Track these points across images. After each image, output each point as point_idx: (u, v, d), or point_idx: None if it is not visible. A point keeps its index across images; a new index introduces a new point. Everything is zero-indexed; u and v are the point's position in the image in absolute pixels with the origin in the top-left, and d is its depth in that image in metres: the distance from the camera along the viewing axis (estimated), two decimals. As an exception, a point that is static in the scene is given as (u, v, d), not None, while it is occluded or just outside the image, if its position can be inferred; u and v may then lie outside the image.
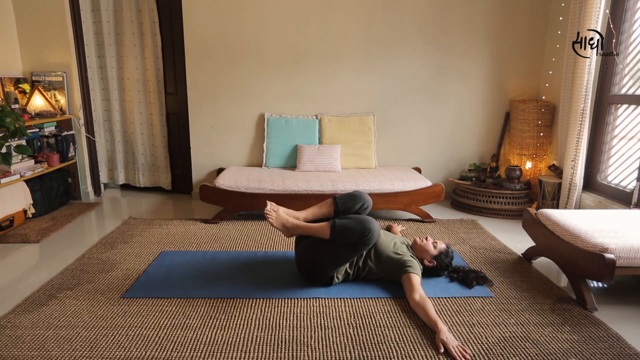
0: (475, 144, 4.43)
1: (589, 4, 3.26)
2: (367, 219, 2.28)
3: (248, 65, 4.20)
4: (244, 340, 1.98)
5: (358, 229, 2.25)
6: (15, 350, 1.89)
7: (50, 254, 3.00)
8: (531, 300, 2.38)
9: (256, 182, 3.61)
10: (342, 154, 4.17)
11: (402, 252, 2.45)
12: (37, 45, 3.97)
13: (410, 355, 1.89)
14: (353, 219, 2.30)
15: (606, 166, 3.55)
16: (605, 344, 1.99)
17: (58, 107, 4.03)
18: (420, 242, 2.58)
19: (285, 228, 2.40)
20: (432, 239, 2.60)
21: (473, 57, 4.23)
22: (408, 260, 2.41)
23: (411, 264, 2.39)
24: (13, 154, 3.38)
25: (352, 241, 2.27)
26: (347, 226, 2.26)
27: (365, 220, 2.27)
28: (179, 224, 3.56)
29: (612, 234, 2.35)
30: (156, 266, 2.75)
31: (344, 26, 4.14)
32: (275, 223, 2.38)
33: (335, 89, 4.27)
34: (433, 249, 2.55)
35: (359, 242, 2.27)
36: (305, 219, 2.50)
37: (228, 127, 4.33)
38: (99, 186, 4.44)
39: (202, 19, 4.09)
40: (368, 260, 2.47)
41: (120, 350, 1.90)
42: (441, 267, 2.56)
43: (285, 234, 2.43)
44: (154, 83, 4.34)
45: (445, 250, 2.57)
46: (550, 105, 4.02)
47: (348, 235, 2.25)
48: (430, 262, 2.54)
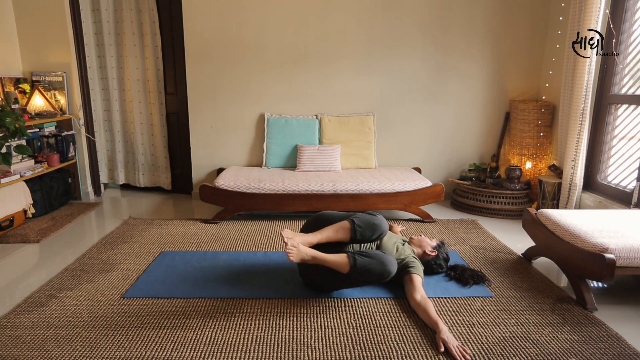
0: (475, 144, 4.43)
1: (589, 4, 3.26)
2: (388, 261, 2.20)
3: (248, 65, 4.20)
4: (244, 340, 1.98)
5: (378, 272, 2.17)
6: (15, 350, 1.89)
7: (50, 254, 3.00)
8: (531, 300, 2.38)
9: (256, 182, 3.61)
10: (342, 154, 4.17)
11: (405, 255, 2.46)
12: (37, 45, 3.97)
13: (410, 355, 1.89)
14: (374, 258, 2.18)
15: (606, 166, 3.55)
16: (605, 344, 1.99)
17: (58, 107, 4.03)
18: (416, 237, 2.71)
19: (303, 262, 2.26)
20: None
21: (473, 57, 4.23)
22: (411, 261, 2.42)
23: (414, 265, 2.40)
24: (13, 154, 3.38)
25: (369, 280, 2.22)
26: (368, 268, 2.16)
27: (387, 262, 2.18)
28: (179, 224, 3.56)
29: (612, 234, 2.35)
30: (156, 266, 2.75)
31: (344, 26, 4.14)
32: (295, 260, 2.18)
33: (335, 89, 4.27)
34: (430, 240, 2.69)
35: (375, 280, 2.22)
36: (320, 242, 2.32)
37: (228, 127, 4.33)
38: (99, 186, 4.45)
39: (202, 19, 4.09)
40: None
41: (120, 350, 1.90)
42: (443, 257, 2.64)
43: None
44: (154, 83, 4.34)
45: (441, 242, 2.71)
46: (550, 105, 4.02)
47: (367, 275, 2.18)
48: (431, 251, 2.62)
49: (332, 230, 2.31)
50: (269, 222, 3.65)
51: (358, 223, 2.29)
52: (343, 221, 2.32)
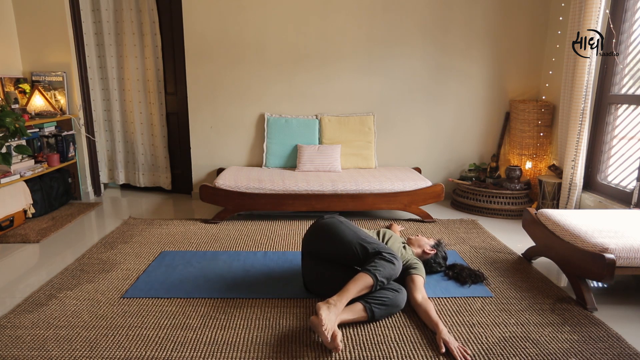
0: (475, 144, 4.43)
1: (589, 4, 3.26)
2: (402, 299, 2.18)
3: (248, 65, 4.20)
4: (244, 340, 1.98)
5: (392, 310, 2.17)
6: (15, 350, 1.89)
7: (50, 254, 3.00)
8: (531, 300, 2.38)
9: (256, 182, 3.61)
10: (342, 154, 4.16)
11: (408, 257, 2.47)
12: (37, 45, 3.97)
13: (410, 355, 1.89)
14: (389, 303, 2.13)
15: (606, 166, 3.55)
16: (605, 344, 1.99)
17: (58, 107, 4.03)
18: (414, 237, 2.75)
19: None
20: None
21: (473, 57, 4.23)
22: (413, 263, 2.43)
23: (416, 266, 2.41)
24: (13, 154, 3.38)
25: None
26: (384, 314, 2.14)
27: (401, 301, 2.18)
28: (179, 224, 3.56)
29: (612, 234, 2.35)
30: (156, 266, 2.75)
31: (344, 26, 4.14)
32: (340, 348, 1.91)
33: (335, 89, 4.27)
34: (427, 239, 2.72)
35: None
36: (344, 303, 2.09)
37: (228, 127, 4.33)
38: (99, 186, 4.44)
39: (202, 19, 4.09)
40: None
41: (120, 350, 1.90)
42: (442, 256, 2.66)
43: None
44: (154, 83, 4.34)
45: (439, 241, 2.74)
46: (550, 105, 4.02)
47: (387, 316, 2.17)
48: (430, 250, 2.64)
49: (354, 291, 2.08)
50: (269, 222, 3.65)
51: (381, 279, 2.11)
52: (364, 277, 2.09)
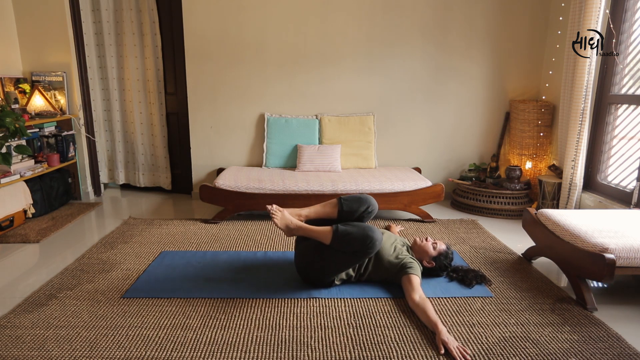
0: (475, 144, 4.43)
1: (589, 4, 3.26)
2: (370, 228, 2.24)
3: (248, 65, 4.20)
4: (244, 340, 1.98)
5: (360, 237, 2.20)
6: (15, 350, 1.89)
7: (50, 254, 3.00)
8: (531, 300, 2.38)
9: (256, 182, 3.61)
10: (342, 154, 4.17)
11: (402, 256, 2.45)
12: (37, 45, 3.97)
13: (410, 355, 1.89)
14: (356, 226, 2.25)
15: (606, 166, 3.55)
16: (605, 344, 1.99)
17: (58, 107, 4.03)
18: (420, 242, 2.58)
19: (288, 229, 2.38)
20: (432, 240, 2.60)
21: (473, 57, 4.23)
22: (409, 262, 2.41)
23: (412, 265, 2.39)
24: (13, 154, 3.38)
25: (353, 249, 2.24)
26: (349, 232, 2.21)
27: (368, 229, 2.23)
28: (179, 224, 3.56)
29: (612, 234, 2.35)
30: (156, 266, 2.75)
31: (344, 26, 4.14)
32: (279, 223, 2.35)
33: (335, 89, 4.27)
34: (432, 250, 2.55)
35: (360, 250, 2.24)
36: (308, 217, 2.48)
37: (228, 127, 4.33)
38: (99, 186, 4.45)
39: (202, 19, 4.09)
40: (369, 265, 2.46)
41: (120, 350, 1.90)
42: (440, 268, 2.56)
43: (287, 234, 2.41)
44: (154, 83, 4.34)
45: (444, 252, 2.57)
46: (550, 105, 4.02)
47: (349, 242, 2.22)
48: (429, 262, 2.54)
49: (320, 205, 2.51)
50: (269, 222, 3.65)
51: (345, 197, 2.49)
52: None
